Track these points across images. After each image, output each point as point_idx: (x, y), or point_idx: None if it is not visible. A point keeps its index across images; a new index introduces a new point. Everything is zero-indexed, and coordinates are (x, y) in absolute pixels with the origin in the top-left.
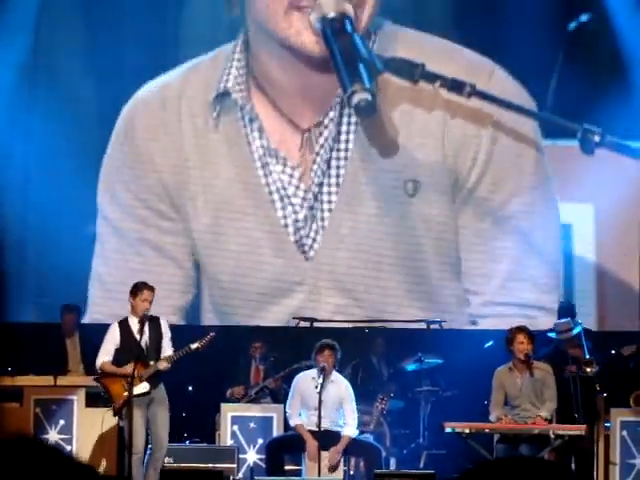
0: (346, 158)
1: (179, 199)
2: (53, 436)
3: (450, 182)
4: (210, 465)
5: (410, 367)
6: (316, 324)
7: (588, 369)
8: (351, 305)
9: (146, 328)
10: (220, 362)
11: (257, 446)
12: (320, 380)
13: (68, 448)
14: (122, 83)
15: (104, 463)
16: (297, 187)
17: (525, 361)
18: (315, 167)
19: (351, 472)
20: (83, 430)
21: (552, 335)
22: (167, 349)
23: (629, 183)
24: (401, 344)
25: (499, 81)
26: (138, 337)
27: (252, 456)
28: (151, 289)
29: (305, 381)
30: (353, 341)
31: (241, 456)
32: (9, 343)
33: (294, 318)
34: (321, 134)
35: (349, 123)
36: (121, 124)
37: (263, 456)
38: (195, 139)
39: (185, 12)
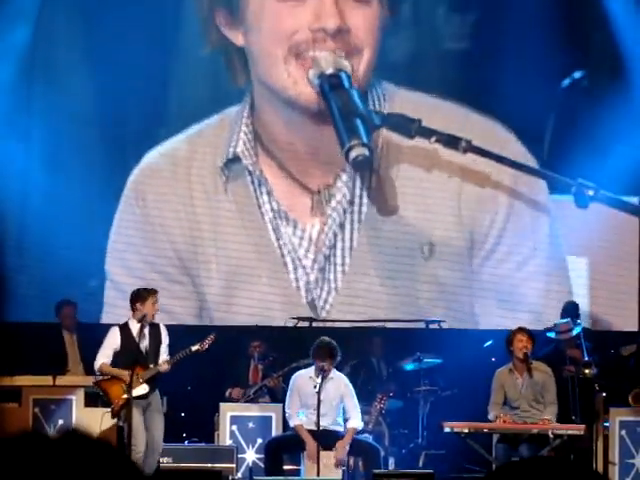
0: (360, 221)
1: (190, 262)
2: None
3: (466, 244)
4: (209, 465)
5: (409, 367)
6: (315, 324)
7: (587, 371)
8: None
9: (146, 332)
10: (219, 362)
11: (256, 446)
12: (319, 380)
13: None
14: (122, 82)
15: None
16: (307, 250)
17: (524, 360)
18: (326, 229)
19: (350, 472)
20: None
21: (552, 335)
22: (163, 355)
23: (623, 237)
24: (400, 344)
25: (509, 146)
26: (138, 339)
27: (251, 456)
28: (156, 292)
29: (303, 380)
30: (352, 341)
31: (240, 456)
32: (8, 343)
33: (292, 318)
34: (333, 196)
35: (363, 186)
36: (130, 190)
37: (262, 456)
38: (206, 202)
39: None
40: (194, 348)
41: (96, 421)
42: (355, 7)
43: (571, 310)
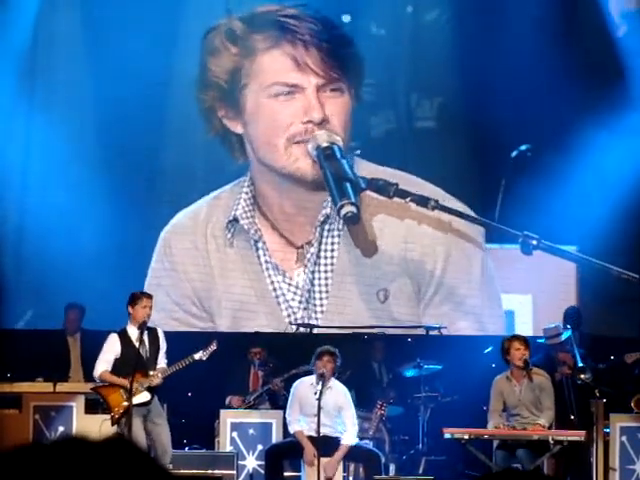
0: (332, 271)
1: (207, 301)
2: None
3: (414, 290)
4: (209, 471)
5: (409, 373)
6: (316, 330)
7: (582, 376)
8: None
9: (145, 337)
10: (219, 368)
11: (256, 452)
12: (319, 387)
13: None
14: (124, 86)
15: None
16: (294, 293)
17: (523, 367)
18: (304, 278)
19: (350, 478)
20: None
21: (541, 341)
22: (161, 361)
23: (561, 278)
24: (400, 350)
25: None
26: (137, 345)
27: (251, 462)
28: (150, 297)
29: (304, 387)
30: (352, 347)
31: (240, 462)
32: (8, 350)
33: (292, 324)
34: (309, 251)
35: (333, 243)
36: (161, 244)
37: (262, 462)
38: (218, 254)
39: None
40: (197, 356)
41: (96, 428)
42: (331, 97)
43: (572, 315)
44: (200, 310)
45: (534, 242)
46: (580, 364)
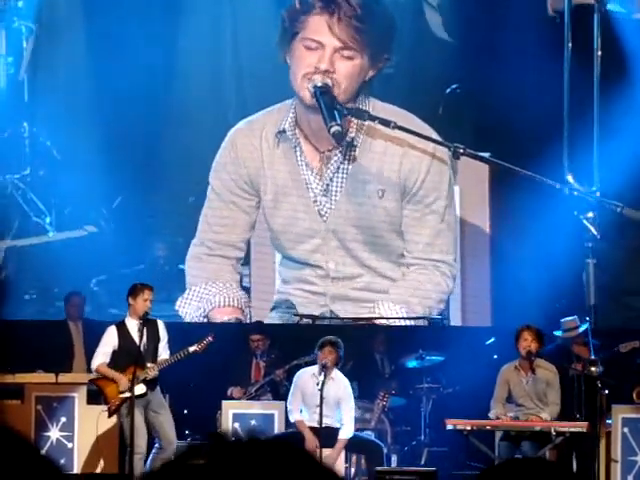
0: (347, 173)
1: (256, 184)
2: (54, 433)
3: (401, 191)
4: None
5: (411, 364)
6: (318, 321)
7: (593, 369)
8: (342, 248)
9: (144, 330)
10: (221, 359)
11: None
12: (321, 377)
13: (69, 445)
14: (121, 81)
15: (102, 462)
16: (317, 183)
17: (526, 358)
18: (326, 174)
19: (352, 469)
20: (84, 427)
21: (558, 333)
22: (163, 353)
23: (478, 174)
24: (402, 341)
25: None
26: (137, 339)
27: None
28: (150, 288)
29: (306, 378)
30: (354, 338)
31: None
32: (11, 341)
33: (295, 315)
34: (330, 158)
35: (350, 152)
36: (227, 141)
37: None
38: (268, 151)
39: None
40: (192, 349)
41: (97, 419)
42: (343, 59)
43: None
44: (250, 187)
45: (461, 150)
46: (593, 356)
